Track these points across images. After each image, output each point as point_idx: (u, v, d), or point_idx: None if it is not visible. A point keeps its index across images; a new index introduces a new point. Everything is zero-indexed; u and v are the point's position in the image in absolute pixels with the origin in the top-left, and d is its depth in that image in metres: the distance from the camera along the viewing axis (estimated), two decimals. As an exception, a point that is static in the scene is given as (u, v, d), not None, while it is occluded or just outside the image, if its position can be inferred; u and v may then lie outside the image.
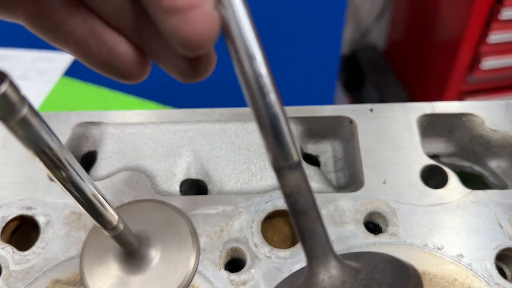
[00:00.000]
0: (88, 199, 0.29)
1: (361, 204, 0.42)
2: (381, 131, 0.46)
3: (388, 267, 0.25)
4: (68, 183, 0.27)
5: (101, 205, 0.31)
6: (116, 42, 0.25)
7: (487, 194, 0.42)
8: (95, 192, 0.30)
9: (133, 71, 0.26)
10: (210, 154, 0.47)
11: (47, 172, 0.26)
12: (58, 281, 0.40)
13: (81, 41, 0.25)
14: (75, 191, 0.28)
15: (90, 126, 0.48)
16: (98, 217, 0.31)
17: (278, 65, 1.41)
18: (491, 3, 1.47)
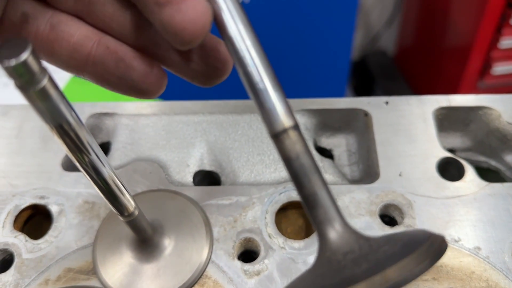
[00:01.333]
0: (104, 180, 0.29)
1: (376, 196, 0.42)
2: (396, 124, 0.45)
3: (405, 234, 0.23)
4: (86, 162, 0.27)
5: (118, 189, 0.31)
6: (132, 56, 0.26)
7: (504, 187, 0.42)
8: (113, 175, 0.30)
9: (151, 84, 0.26)
10: (223, 145, 0.46)
11: (64, 148, 0.26)
12: (71, 270, 0.40)
13: (99, 61, 0.26)
14: (93, 171, 0.28)
15: (104, 117, 0.48)
16: (114, 201, 0.31)
17: (289, 70, 1.41)
18: (502, 8, 1.46)
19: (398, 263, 0.20)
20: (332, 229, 0.23)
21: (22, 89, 0.21)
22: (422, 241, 0.21)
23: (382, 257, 0.21)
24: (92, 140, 0.27)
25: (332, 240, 0.23)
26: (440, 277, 0.38)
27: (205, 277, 0.39)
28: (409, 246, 0.21)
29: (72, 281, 0.39)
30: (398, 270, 0.20)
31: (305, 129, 0.48)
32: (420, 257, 0.20)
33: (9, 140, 0.47)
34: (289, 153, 0.23)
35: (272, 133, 0.23)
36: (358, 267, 0.21)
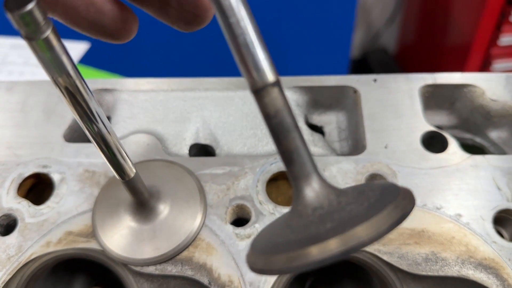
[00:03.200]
0: (104, 135, 0.31)
1: (363, 166, 0.44)
2: (384, 100, 0.47)
3: (377, 189, 0.24)
4: (88, 114, 0.29)
5: (118, 146, 0.33)
6: (103, 1, 0.26)
7: (486, 159, 0.43)
8: (114, 136, 0.32)
9: (121, 28, 0.27)
10: (218, 120, 0.48)
11: (66, 102, 0.28)
12: (71, 233, 0.42)
13: (69, 4, 0.25)
14: (94, 124, 0.30)
15: (104, 93, 0.50)
16: (113, 156, 0.33)
17: (288, 67, 1.42)
18: (501, 5, 1.47)
19: (357, 226, 0.20)
20: (306, 184, 0.23)
21: (27, 38, 0.23)
22: (388, 201, 0.22)
23: (346, 218, 0.22)
24: (93, 97, 0.29)
25: (305, 194, 0.24)
26: (421, 241, 0.40)
27: (199, 240, 0.41)
28: (376, 206, 0.22)
29: (72, 244, 0.42)
30: (354, 235, 0.20)
31: (296, 105, 0.50)
32: (379, 223, 0.20)
33: (14, 114, 0.49)
34: (268, 109, 0.23)
35: (253, 88, 0.23)
36: (322, 225, 0.22)
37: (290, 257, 0.20)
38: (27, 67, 0.98)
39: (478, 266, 0.39)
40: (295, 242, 0.21)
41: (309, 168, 0.24)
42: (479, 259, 0.39)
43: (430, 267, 0.39)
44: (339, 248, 0.20)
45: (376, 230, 0.20)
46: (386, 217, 0.21)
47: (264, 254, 0.22)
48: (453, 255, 0.39)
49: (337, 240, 0.20)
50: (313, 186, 0.24)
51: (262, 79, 0.22)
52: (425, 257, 0.39)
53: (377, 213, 0.21)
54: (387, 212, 0.21)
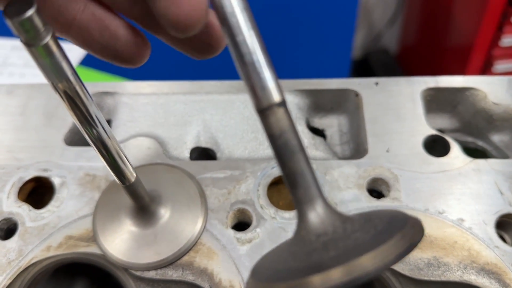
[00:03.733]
0: (104, 140, 0.31)
1: (364, 170, 0.43)
2: (385, 103, 0.47)
3: (385, 217, 0.23)
4: (88, 121, 0.29)
5: (118, 151, 0.33)
6: (118, 26, 0.26)
7: (489, 163, 0.43)
8: (114, 140, 0.32)
9: (134, 54, 0.27)
10: (219, 123, 0.48)
11: (66, 107, 0.28)
12: (71, 237, 0.42)
13: (83, 27, 0.25)
14: (94, 130, 0.30)
15: (105, 96, 0.50)
16: (114, 162, 0.33)
17: (289, 69, 1.42)
18: (503, 6, 1.47)
19: (363, 256, 0.19)
20: (311, 208, 0.23)
21: (27, 45, 0.23)
22: (395, 231, 0.21)
23: (351, 246, 0.21)
24: (94, 102, 0.29)
25: (309, 219, 0.23)
26: (423, 246, 0.40)
27: (200, 244, 0.40)
28: (383, 235, 0.21)
29: (72, 248, 0.41)
30: (359, 265, 0.19)
31: (298, 109, 0.49)
32: (384, 253, 0.20)
33: (14, 117, 0.49)
34: (273, 130, 0.22)
35: (258, 108, 0.22)
36: (326, 252, 0.21)
37: (290, 286, 0.20)
38: (28, 69, 0.98)
39: (481, 271, 0.38)
40: (296, 270, 0.21)
41: (314, 192, 0.23)
42: (482, 264, 0.39)
43: (432, 272, 0.38)
44: (342, 277, 0.19)
45: (382, 260, 0.19)
46: (393, 246, 0.20)
47: (264, 282, 0.21)
48: (455, 260, 0.39)
49: (341, 269, 0.19)
50: (317, 211, 0.23)
51: (267, 99, 0.22)
52: (427, 262, 0.39)
53: (384, 242, 0.20)
54: (394, 242, 0.20)
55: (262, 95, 0.22)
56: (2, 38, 1.04)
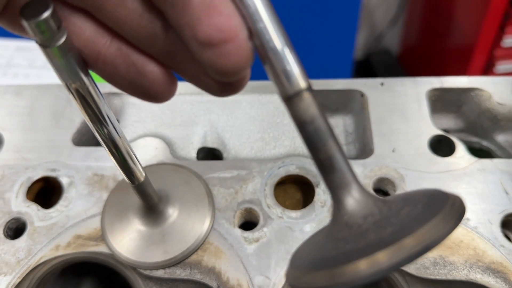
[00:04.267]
0: (116, 142, 0.31)
1: (370, 170, 0.44)
2: (391, 104, 0.48)
3: (421, 193, 0.23)
4: (101, 122, 0.29)
5: (129, 152, 0.33)
6: (145, 62, 0.25)
7: (494, 163, 0.44)
8: (124, 137, 0.32)
9: (161, 90, 0.26)
10: (225, 124, 0.49)
11: (79, 108, 0.28)
12: (80, 237, 0.42)
13: (109, 61, 0.25)
14: (107, 132, 0.30)
15: (112, 97, 0.51)
16: (124, 161, 0.33)
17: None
18: (505, 7, 1.47)
19: (426, 225, 0.19)
20: (348, 193, 0.22)
21: (42, 46, 0.23)
22: (443, 201, 0.21)
23: (407, 220, 0.20)
24: (106, 104, 0.29)
25: (349, 204, 0.22)
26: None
27: (207, 243, 0.41)
28: (431, 207, 0.21)
29: (81, 247, 0.42)
30: (429, 232, 0.19)
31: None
32: (446, 218, 0.20)
33: (22, 118, 0.49)
34: (304, 116, 0.22)
35: (285, 95, 0.22)
36: (383, 230, 0.20)
37: (373, 261, 0.19)
38: (32, 69, 0.99)
39: (486, 270, 0.39)
40: (360, 250, 0.20)
41: (350, 177, 0.22)
42: (487, 263, 0.39)
43: (438, 271, 0.39)
44: (416, 247, 0.19)
45: (443, 227, 0.19)
46: (448, 215, 0.20)
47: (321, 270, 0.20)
48: (461, 259, 0.39)
49: (411, 239, 0.19)
50: (354, 196, 0.22)
51: (295, 85, 0.21)
52: (433, 261, 0.39)
53: (438, 213, 0.20)
54: (447, 210, 0.20)
55: (289, 82, 0.21)
56: (7, 39, 1.05)
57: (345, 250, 0.21)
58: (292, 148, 0.47)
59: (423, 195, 0.23)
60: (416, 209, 0.21)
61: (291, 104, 0.22)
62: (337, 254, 0.21)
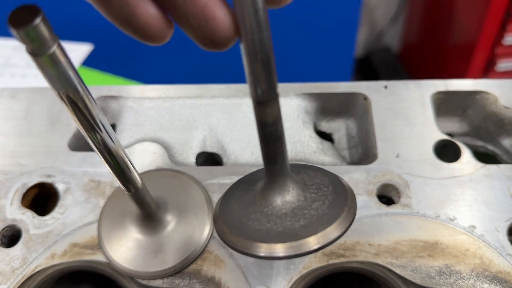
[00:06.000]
0: (111, 150, 0.30)
1: (374, 176, 0.43)
2: (395, 107, 0.46)
3: (332, 193, 0.30)
4: (95, 131, 0.28)
5: (124, 162, 0.32)
6: (138, 3, 0.25)
7: (500, 169, 0.42)
8: (120, 149, 0.31)
9: (155, 33, 0.26)
10: (225, 128, 0.48)
11: (73, 118, 0.27)
12: (76, 245, 0.41)
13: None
14: (100, 141, 0.29)
15: (110, 100, 0.49)
16: (121, 173, 0.32)
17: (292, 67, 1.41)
18: (507, 5, 1.46)
19: (326, 229, 0.27)
20: (282, 179, 0.29)
21: (33, 54, 0.22)
22: (342, 205, 0.28)
23: (315, 217, 0.28)
24: (100, 112, 0.28)
25: (279, 185, 0.29)
26: (435, 254, 0.39)
27: (207, 252, 0.40)
28: (334, 209, 0.28)
29: (77, 256, 0.41)
30: (325, 236, 0.27)
31: (305, 113, 0.49)
32: (341, 224, 0.27)
33: (17, 122, 0.48)
34: (267, 118, 0.26)
35: (255, 100, 0.26)
36: (296, 221, 0.28)
37: (289, 247, 0.27)
38: (30, 69, 0.97)
39: (493, 280, 0.38)
40: (275, 234, 0.28)
41: (287, 169, 0.29)
42: (494, 272, 0.38)
43: (444, 281, 0.38)
44: (314, 246, 0.27)
45: (336, 234, 0.27)
46: (343, 221, 0.28)
47: (246, 238, 0.28)
48: (467, 268, 0.38)
49: (313, 239, 0.27)
50: (287, 182, 0.29)
51: (268, 93, 0.25)
52: (438, 270, 0.38)
53: (339, 216, 0.28)
54: (344, 216, 0.28)
55: (264, 89, 0.25)
56: (4, 39, 1.04)
57: (265, 227, 0.28)
58: (294, 153, 0.46)
59: (331, 190, 0.30)
60: (323, 206, 0.29)
61: (261, 107, 0.26)
62: (259, 229, 0.28)
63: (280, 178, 0.29)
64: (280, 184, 0.29)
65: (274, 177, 0.29)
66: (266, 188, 0.30)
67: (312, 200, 0.29)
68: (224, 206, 0.32)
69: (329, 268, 0.39)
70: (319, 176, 0.32)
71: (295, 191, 0.29)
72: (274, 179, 0.29)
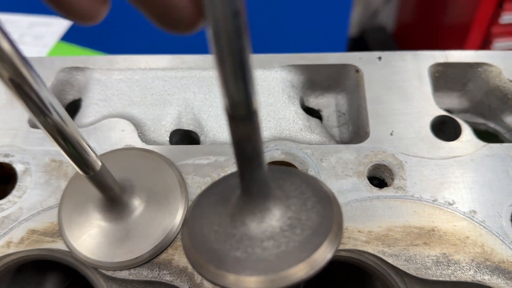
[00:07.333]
0: (63, 133, 0.26)
1: (365, 156, 0.39)
2: (389, 81, 0.42)
3: (315, 206, 0.26)
4: (45, 116, 0.24)
5: (80, 142, 0.28)
6: None
7: (504, 148, 0.39)
8: (74, 126, 0.27)
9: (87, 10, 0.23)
10: (203, 103, 0.43)
11: (19, 102, 0.23)
12: (35, 232, 0.37)
13: None
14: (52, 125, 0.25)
15: (75, 72, 0.45)
16: (75, 154, 0.28)
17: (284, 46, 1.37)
18: (504, -17, 1.42)
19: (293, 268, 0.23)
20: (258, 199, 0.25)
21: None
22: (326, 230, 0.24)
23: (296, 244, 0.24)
24: (50, 93, 0.24)
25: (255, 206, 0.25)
26: (431, 242, 0.35)
27: (179, 240, 0.36)
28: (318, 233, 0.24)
29: (35, 244, 0.37)
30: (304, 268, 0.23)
31: (291, 86, 0.44)
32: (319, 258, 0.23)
33: (-27, 96, 0.44)
34: (241, 136, 0.22)
35: (229, 113, 0.21)
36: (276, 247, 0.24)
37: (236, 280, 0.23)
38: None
39: (495, 270, 0.34)
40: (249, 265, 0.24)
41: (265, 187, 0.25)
42: (497, 262, 0.34)
43: (441, 272, 0.34)
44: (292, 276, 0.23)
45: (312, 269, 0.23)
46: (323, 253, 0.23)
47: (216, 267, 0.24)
48: (467, 258, 0.34)
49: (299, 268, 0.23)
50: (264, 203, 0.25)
51: (240, 107, 0.20)
52: (435, 260, 0.34)
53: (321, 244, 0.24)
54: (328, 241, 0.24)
55: (236, 102, 0.20)
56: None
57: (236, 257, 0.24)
58: (278, 131, 0.42)
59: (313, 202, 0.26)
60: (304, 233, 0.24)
61: (232, 122, 0.22)
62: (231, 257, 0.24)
63: (256, 197, 0.25)
64: (256, 205, 0.25)
65: (252, 198, 0.25)
66: (244, 210, 0.26)
67: (297, 213, 0.25)
68: (195, 231, 0.27)
69: (314, 258, 0.35)
70: (299, 184, 0.28)
71: (274, 212, 0.25)
72: (249, 199, 0.25)
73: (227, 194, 0.28)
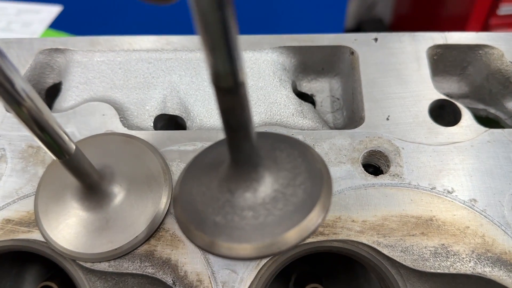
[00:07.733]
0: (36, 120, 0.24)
1: (359, 142, 0.36)
2: (386, 63, 0.40)
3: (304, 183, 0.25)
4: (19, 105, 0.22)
5: (52, 125, 0.26)
6: None
7: (506, 133, 0.37)
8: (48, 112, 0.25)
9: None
10: (189, 86, 0.41)
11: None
12: (10, 221, 0.35)
13: None
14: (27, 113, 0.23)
15: (55, 54, 0.42)
16: (46, 137, 0.26)
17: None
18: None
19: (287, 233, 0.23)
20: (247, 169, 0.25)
21: None
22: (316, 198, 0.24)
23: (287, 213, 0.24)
24: (23, 80, 0.22)
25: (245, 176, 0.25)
26: (429, 232, 0.33)
27: (162, 230, 0.34)
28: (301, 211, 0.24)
29: (10, 234, 0.34)
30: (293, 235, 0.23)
31: (283, 70, 0.42)
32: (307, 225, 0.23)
33: None
34: (228, 107, 0.22)
35: (215, 83, 0.21)
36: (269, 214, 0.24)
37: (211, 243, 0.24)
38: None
39: (497, 262, 0.32)
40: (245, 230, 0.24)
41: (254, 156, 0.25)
42: (498, 253, 0.32)
43: (440, 263, 0.32)
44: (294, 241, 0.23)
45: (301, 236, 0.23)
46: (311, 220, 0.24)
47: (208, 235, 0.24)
48: (467, 249, 0.33)
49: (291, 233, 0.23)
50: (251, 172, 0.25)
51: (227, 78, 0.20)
52: (433, 251, 0.32)
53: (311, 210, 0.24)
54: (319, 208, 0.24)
55: (223, 73, 0.20)
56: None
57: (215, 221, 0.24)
58: (268, 116, 0.40)
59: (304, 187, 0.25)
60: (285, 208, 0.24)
61: (219, 93, 0.21)
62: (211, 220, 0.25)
63: (244, 167, 0.25)
64: (242, 174, 0.25)
65: (240, 167, 0.25)
66: (231, 178, 0.26)
67: (284, 187, 0.25)
68: (184, 189, 0.27)
69: (305, 249, 0.33)
70: (295, 157, 0.27)
71: (260, 182, 0.25)
72: (237, 168, 0.25)
73: (221, 158, 0.28)
